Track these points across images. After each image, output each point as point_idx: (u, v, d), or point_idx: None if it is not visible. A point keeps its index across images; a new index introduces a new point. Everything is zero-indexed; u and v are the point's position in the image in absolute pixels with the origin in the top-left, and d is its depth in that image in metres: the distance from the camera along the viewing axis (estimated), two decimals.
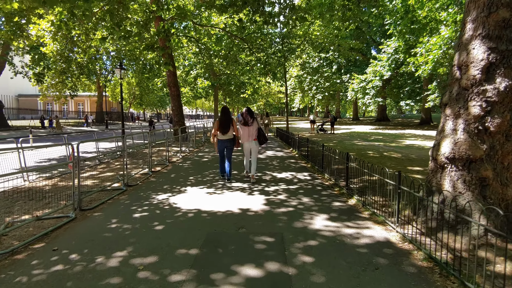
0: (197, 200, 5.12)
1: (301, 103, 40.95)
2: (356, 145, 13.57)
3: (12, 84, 46.51)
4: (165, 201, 5.08)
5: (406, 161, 8.96)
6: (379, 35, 35.04)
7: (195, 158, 10.50)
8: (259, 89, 29.21)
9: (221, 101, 41.24)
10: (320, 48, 21.02)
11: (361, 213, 4.36)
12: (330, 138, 18.12)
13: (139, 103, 56.95)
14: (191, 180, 6.71)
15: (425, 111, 28.90)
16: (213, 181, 6.58)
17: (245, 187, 6.04)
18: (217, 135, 6.51)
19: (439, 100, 20.36)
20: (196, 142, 15.48)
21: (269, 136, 20.58)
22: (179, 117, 16.25)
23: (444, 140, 3.71)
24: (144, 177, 7.20)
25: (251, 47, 17.40)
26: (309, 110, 75.81)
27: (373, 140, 16.52)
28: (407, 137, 17.77)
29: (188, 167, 8.53)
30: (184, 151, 12.30)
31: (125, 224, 4.01)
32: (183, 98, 26.58)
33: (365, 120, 44.20)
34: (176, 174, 7.47)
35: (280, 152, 11.92)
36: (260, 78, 22.19)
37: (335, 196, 5.34)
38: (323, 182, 6.49)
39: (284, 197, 5.25)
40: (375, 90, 25.13)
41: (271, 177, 6.95)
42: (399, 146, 13.26)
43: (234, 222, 4.03)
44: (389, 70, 23.97)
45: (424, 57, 12.77)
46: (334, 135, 20.58)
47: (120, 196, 5.49)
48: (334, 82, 31.79)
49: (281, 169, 7.99)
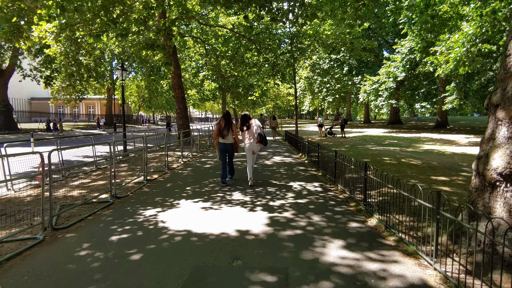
0: (189, 217, 4.41)
1: (310, 105, 39.99)
2: (370, 150, 12.68)
3: (25, 88, 47.05)
4: (152, 218, 4.38)
5: (428, 169, 8.07)
6: (392, 35, 33.93)
7: (197, 164, 9.82)
8: (267, 91, 28.48)
9: (229, 104, 40.68)
10: (331, 48, 20.16)
11: (385, 239, 3.56)
12: (342, 142, 17.23)
13: (148, 106, 56.94)
14: (188, 191, 6.01)
15: (441, 114, 27.63)
16: (212, 193, 5.86)
17: (247, 200, 5.30)
18: (218, 139, 6.63)
19: (457, 102, 19.24)
20: (200, 147, 14.84)
21: (278, 140, 19.80)
22: (184, 120, 15.64)
23: (495, 151, 2.89)
24: (138, 186, 6.54)
25: (259, 48, 16.71)
26: (318, 112, 74.63)
27: (387, 144, 15.57)
28: (424, 141, 16.74)
29: (187, 175, 7.84)
30: (187, 156, 11.65)
31: (97, 250, 3.31)
32: (189, 101, 26.07)
33: (376, 123, 42.94)
34: (172, 184, 6.78)
35: (289, 157, 11.14)
36: (268, 80, 21.40)
37: (351, 213, 4.54)
38: (336, 194, 5.70)
39: (291, 214, 4.49)
40: (388, 92, 24.09)
41: (277, 188, 6.19)
42: (417, 152, 12.31)
43: (229, 250, 3.29)
44: (404, 71, 22.92)
45: (445, 55, 11.83)
46: (346, 139, 19.66)
47: (103, 211, 4.82)
48: (345, 83, 30.80)
49: (289, 178, 7.22)
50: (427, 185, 6.00)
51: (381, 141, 17.56)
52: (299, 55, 17.75)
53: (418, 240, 3.36)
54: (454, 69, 11.34)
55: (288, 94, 38.14)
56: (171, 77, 15.65)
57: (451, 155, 11.12)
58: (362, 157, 10.52)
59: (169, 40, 9.68)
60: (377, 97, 25.33)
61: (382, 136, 21.62)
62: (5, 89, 29.63)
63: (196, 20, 16.65)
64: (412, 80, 23.93)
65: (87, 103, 64.28)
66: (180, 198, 5.47)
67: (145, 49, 9.18)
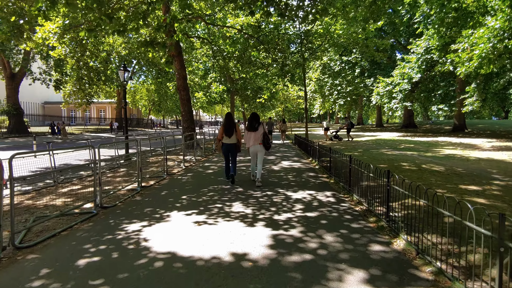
0: (178, 234, 3.72)
1: (321, 108, 39.05)
2: (386, 155, 11.81)
3: (38, 92, 47.76)
4: (134, 235, 3.72)
5: (454, 176, 7.20)
6: (405, 36, 32.85)
7: (198, 169, 9.16)
8: (276, 94, 27.77)
9: (238, 107, 40.15)
10: (342, 49, 19.36)
11: (419, 269, 2.80)
12: (354, 146, 16.35)
13: (158, 109, 56.97)
14: (183, 201, 5.34)
15: (458, 117, 26.38)
16: (209, 203, 5.17)
17: (248, 213, 4.59)
18: (222, 139, 6.92)
19: (478, 104, 18.13)
20: (205, 150, 14.23)
21: (287, 144, 19.05)
22: (189, 122, 15.08)
23: None
24: (130, 194, 5.91)
25: (268, 48, 16.07)
26: (328, 116, 73.39)
27: (403, 149, 14.63)
28: (443, 145, 15.71)
29: (186, 182, 7.18)
30: (190, 160, 11.03)
31: (55, 280, 2.66)
32: (196, 104, 25.57)
33: (389, 126, 41.66)
34: (168, 191, 6.12)
35: (298, 162, 10.39)
36: (277, 81, 20.66)
37: (371, 232, 3.77)
38: (351, 206, 4.93)
39: (298, 232, 3.75)
40: (403, 94, 23.03)
41: (284, 198, 5.46)
42: (437, 157, 11.37)
43: (218, 283, 2.59)
44: (419, 72, 21.88)
45: (468, 52, 10.91)
46: (358, 143, 18.75)
47: (82, 225, 4.19)
48: (357, 86, 29.84)
49: (298, 186, 6.48)
50: (458, 196, 5.17)
51: (396, 145, 16.61)
52: (310, 56, 17.02)
53: (463, 273, 2.58)
54: (479, 67, 10.41)
55: (298, 97, 37.37)
56: (176, 78, 15.14)
57: (477, 161, 10.17)
58: (377, 162, 9.69)
59: (170, 38, 9.13)
60: (391, 100, 24.30)
61: (396, 140, 20.61)
62: (16, 92, 29.81)
63: (202, 20, 16.15)
64: (428, 81, 22.83)
65: (98, 106, 64.99)
66: (172, 209, 4.80)
67: (145, 47, 8.61)
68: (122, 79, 11.99)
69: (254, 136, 6.66)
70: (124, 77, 11.94)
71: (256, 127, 6.68)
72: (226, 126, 6.84)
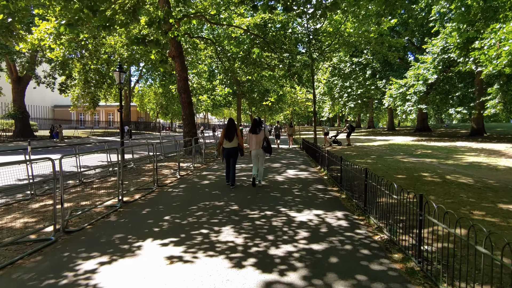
0: (140, 278, 2.83)
1: (330, 111, 37.88)
2: (402, 163, 10.73)
3: (48, 95, 48.03)
4: (83, 280, 2.83)
5: (488, 191, 6.13)
6: (419, 36, 31.54)
7: (194, 179, 8.28)
8: (284, 97, 26.80)
9: (246, 110, 39.30)
10: (353, 48, 18.31)
11: None
12: (366, 152, 15.26)
13: (165, 112, 56.60)
14: (163, 224, 4.44)
15: (477, 120, 24.93)
16: (194, 227, 4.27)
17: (238, 242, 3.66)
18: (223, 144, 7.13)
19: (500, 107, 16.82)
20: (207, 157, 13.38)
21: (294, 149, 18.07)
22: (190, 126, 14.26)
23: None
24: (106, 212, 5.07)
25: (274, 48, 15.17)
26: (338, 119, 71.93)
27: (421, 155, 13.49)
28: (464, 151, 14.47)
29: (176, 196, 6.30)
30: (187, 168, 10.18)
31: None
32: (201, 107, 24.83)
33: (401, 130, 40.16)
34: (150, 209, 5.24)
35: (305, 171, 9.41)
36: (284, 83, 19.65)
37: (399, 279, 2.79)
38: (368, 234, 3.96)
39: (299, 278, 2.80)
40: (417, 96, 21.78)
41: (285, 220, 4.52)
42: (461, 165, 10.24)
43: None
44: (435, 73, 20.62)
45: (496, 49, 9.79)
46: (370, 148, 17.64)
47: (28, 259, 3.33)
48: (368, 88, 28.67)
49: (303, 203, 5.53)
50: (503, 221, 4.15)
51: (411, 151, 15.45)
52: (318, 56, 16.04)
53: None
54: (509, 64, 9.27)
55: (306, 100, 36.32)
56: (177, 80, 14.37)
57: (508, 170, 9.02)
58: (394, 172, 8.65)
59: (164, 35, 8.32)
60: (405, 102, 23.07)
61: (411, 145, 19.41)
62: (22, 96, 29.67)
63: (205, 19, 15.38)
64: (444, 82, 21.53)
65: (107, 110, 65.29)
66: (146, 236, 3.91)
67: (135, 44, 7.82)
68: (118, 80, 11.25)
69: (256, 140, 7.01)
70: (120, 79, 11.20)
71: (257, 131, 7.03)
72: (227, 130, 7.06)
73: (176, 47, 13.74)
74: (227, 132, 7.03)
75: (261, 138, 7.02)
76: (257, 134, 7.02)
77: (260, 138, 7.01)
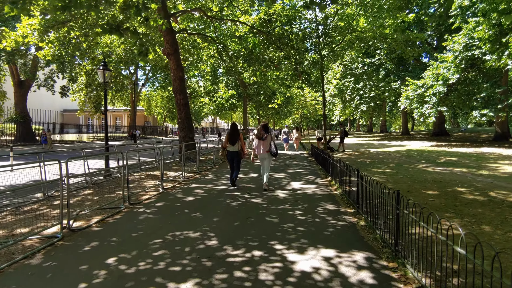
0: None
1: (341, 115, 36.11)
2: (428, 173, 9.12)
3: (57, 100, 47.83)
4: None
5: None
6: (435, 35, 29.65)
7: (178, 194, 6.87)
8: (292, 100, 25.28)
9: (253, 114, 37.94)
10: (366, 45, 16.74)
11: None
12: (383, 159, 13.64)
13: (172, 117, 55.71)
14: (99, 273, 3.03)
15: (501, 124, 22.93)
16: (141, 281, 2.85)
17: None
18: (227, 147, 7.45)
19: None
20: (203, 164, 12.02)
21: (302, 155, 16.56)
22: (186, 131, 12.93)
23: None
24: (37, 246, 3.71)
25: (279, 45, 13.76)
26: (349, 122, 69.83)
27: (446, 164, 11.80)
28: (495, 159, 12.67)
29: (144, 220, 4.89)
30: (176, 178, 8.81)
31: None
32: (203, 110, 23.54)
33: (416, 134, 38.06)
34: (98, 244, 3.84)
35: (313, 184, 7.92)
36: (291, 83, 18.13)
37: None
38: None
39: None
40: (437, 98, 20.00)
41: (279, 270, 3.05)
42: (500, 177, 8.55)
43: None
44: (457, 72, 18.86)
45: None
46: (386, 154, 15.98)
47: None
48: (384, 88, 26.93)
49: (308, 234, 4.05)
50: None
51: (434, 158, 13.73)
52: (328, 53, 14.55)
53: None
54: None
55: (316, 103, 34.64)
56: (172, 80, 13.10)
57: None
58: (421, 185, 7.09)
59: (144, 22, 7.02)
60: (423, 104, 21.28)
61: (431, 151, 17.66)
62: (24, 100, 29.05)
63: (204, 13, 14.13)
64: (467, 82, 19.71)
65: (115, 114, 65.14)
66: None
67: (108, 33, 6.52)
68: (102, 79, 10.02)
69: (262, 145, 7.24)
70: (104, 77, 9.96)
71: (264, 137, 7.21)
72: (230, 134, 7.41)
73: (171, 44, 12.50)
74: (230, 136, 7.41)
75: (267, 143, 7.25)
76: (264, 140, 7.23)
77: (266, 143, 7.25)
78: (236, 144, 7.37)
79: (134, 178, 9.41)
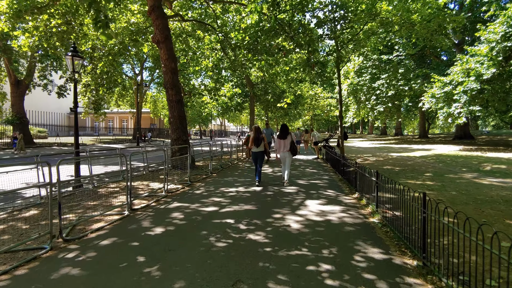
0: None
1: (355, 116, 33.60)
2: (485, 187, 6.89)
3: (65, 102, 46.66)
4: None
5: None
6: (459, 31, 27.09)
7: (144, 222, 4.81)
8: (302, 98, 23.06)
9: (262, 115, 35.80)
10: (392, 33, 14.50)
11: None
12: (414, 166, 11.37)
13: None
14: None
15: None
16: None
17: None
18: (252, 148, 8.20)
19: None
20: (198, 172, 9.99)
21: (316, 161, 14.38)
22: (179, 132, 10.92)
23: None
24: None
25: (289, 31, 11.67)
26: (361, 125, 67.05)
27: (495, 172, 9.48)
28: None
29: (60, 279, 2.87)
30: (157, 193, 6.78)
31: None
32: (204, 110, 21.55)
33: (435, 137, 35.30)
34: None
35: (336, 204, 5.76)
36: (302, 75, 15.83)
37: None
38: None
39: None
40: (468, 96, 17.59)
41: None
42: None
43: None
44: (493, 66, 16.46)
45: None
46: (414, 160, 13.69)
47: None
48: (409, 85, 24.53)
49: None
50: None
51: (475, 165, 11.40)
52: (347, 42, 12.37)
53: None
54: None
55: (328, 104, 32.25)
56: (163, 72, 11.13)
57: None
58: (493, 209, 4.90)
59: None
60: (450, 103, 18.85)
61: (465, 156, 15.30)
62: (21, 100, 27.66)
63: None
64: (504, 77, 17.25)
65: (121, 116, 64.27)
66: None
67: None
68: (71, 68, 8.09)
69: (283, 144, 7.89)
70: (74, 65, 8.03)
71: (285, 136, 7.91)
72: (255, 137, 8.06)
73: (161, 30, 10.56)
74: (255, 138, 8.04)
75: (288, 142, 7.86)
76: (285, 139, 7.87)
77: (287, 142, 7.85)
78: (260, 145, 8.07)
79: (105, 191, 7.42)
